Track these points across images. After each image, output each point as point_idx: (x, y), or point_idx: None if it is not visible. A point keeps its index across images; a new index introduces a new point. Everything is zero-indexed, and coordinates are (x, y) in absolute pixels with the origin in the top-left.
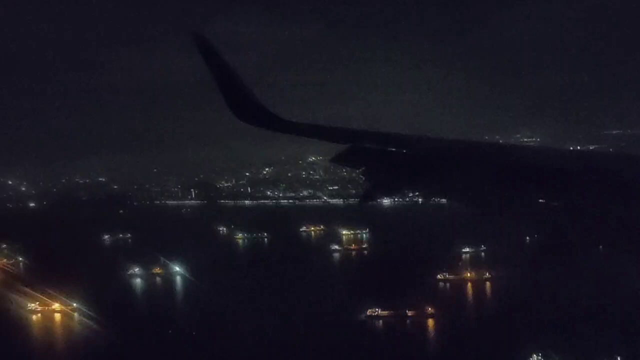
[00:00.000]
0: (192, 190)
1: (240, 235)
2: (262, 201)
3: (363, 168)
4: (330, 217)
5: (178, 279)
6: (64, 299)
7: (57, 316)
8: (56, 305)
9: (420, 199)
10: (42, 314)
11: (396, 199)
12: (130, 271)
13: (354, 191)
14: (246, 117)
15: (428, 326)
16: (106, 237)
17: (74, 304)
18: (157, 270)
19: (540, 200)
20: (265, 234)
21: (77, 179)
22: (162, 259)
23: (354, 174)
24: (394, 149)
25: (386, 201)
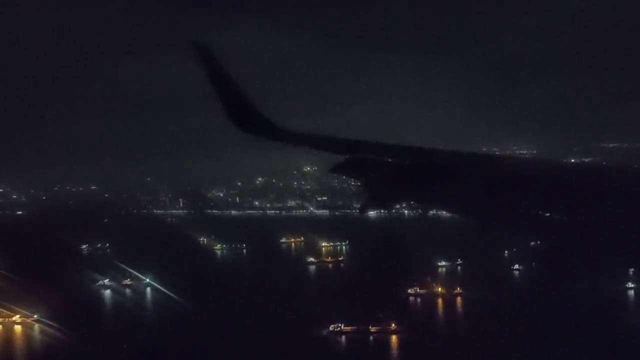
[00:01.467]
0: (180, 199)
1: (218, 246)
2: (249, 211)
3: (363, 178)
4: (313, 228)
5: (148, 290)
6: (26, 310)
7: (17, 328)
8: (17, 317)
9: (406, 211)
10: (2, 325)
11: (382, 210)
12: (100, 282)
13: (340, 202)
14: (247, 127)
15: (390, 343)
16: (84, 246)
17: (35, 316)
18: (127, 281)
19: (538, 211)
20: (244, 245)
21: (68, 187)
22: (133, 270)
23: (345, 185)
24: (393, 160)
25: (372, 212)
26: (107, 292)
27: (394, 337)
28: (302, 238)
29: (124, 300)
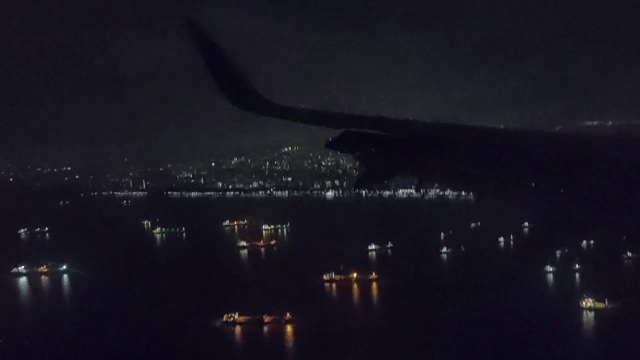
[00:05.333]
0: (144, 181)
1: (158, 229)
2: (209, 193)
3: (357, 153)
4: (263, 210)
5: (64, 277)
6: None
7: None
8: None
9: (364, 191)
10: None
11: (341, 193)
12: (15, 269)
13: (301, 183)
14: (239, 102)
15: (281, 333)
16: (22, 230)
17: None
18: (44, 268)
19: (531, 184)
20: (184, 228)
21: (39, 168)
22: (60, 256)
23: (315, 166)
24: (388, 133)
25: (329, 194)
26: (21, 279)
27: (288, 327)
28: (246, 221)
29: (31, 289)
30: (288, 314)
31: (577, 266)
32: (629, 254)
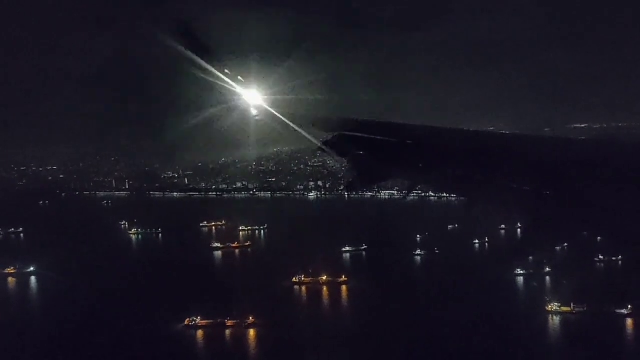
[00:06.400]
0: (127, 180)
1: (134, 230)
2: (192, 193)
3: (350, 156)
4: (242, 211)
5: (32, 279)
6: None
7: None
8: None
9: (346, 193)
10: None
11: (324, 194)
12: None
13: (284, 184)
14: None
15: (242, 337)
16: None
17: None
18: (11, 270)
19: (522, 187)
20: (160, 229)
21: (23, 168)
22: (31, 257)
23: (302, 167)
24: (381, 137)
25: (312, 195)
26: None
27: (250, 331)
28: (224, 222)
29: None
30: (251, 318)
31: (547, 269)
32: (601, 256)
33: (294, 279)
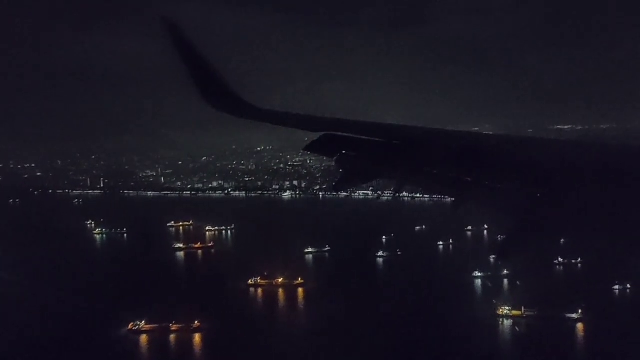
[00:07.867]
0: (101, 179)
1: (98, 230)
2: (166, 192)
3: (336, 157)
4: (212, 210)
5: None
6: None
7: None
8: None
9: (321, 193)
10: None
11: (298, 193)
12: None
13: (259, 183)
14: (218, 105)
15: (186, 342)
16: None
17: None
18: None
19: (509, 187)
20: (125, 229)
21: (0, 165)
22: None
23: (282, 166)
24: (367, 137)
25: (286, 194)
26: None
27: (196, 336)
28: (191, 222)
29: None
30: (196, 322)
31: (505, 272)
32: (561, 259)
33: (250, 281)
